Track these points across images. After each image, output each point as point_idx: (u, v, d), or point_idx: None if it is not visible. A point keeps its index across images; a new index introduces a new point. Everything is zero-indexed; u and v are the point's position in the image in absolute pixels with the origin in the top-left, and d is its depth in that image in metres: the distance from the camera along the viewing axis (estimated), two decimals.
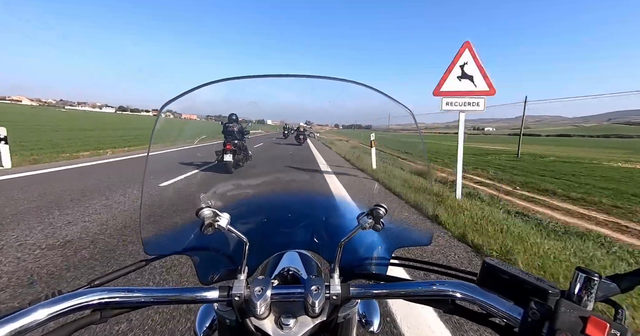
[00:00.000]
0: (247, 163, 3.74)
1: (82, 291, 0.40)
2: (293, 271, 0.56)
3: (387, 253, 0.59)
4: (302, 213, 0.72)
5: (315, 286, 0.42)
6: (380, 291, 0.45)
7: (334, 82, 0.55)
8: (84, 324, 0.40)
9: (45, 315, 0.36)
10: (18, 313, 0.35)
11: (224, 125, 4.29)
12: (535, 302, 0.34)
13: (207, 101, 0.54)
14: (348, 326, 0.53)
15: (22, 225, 3.07)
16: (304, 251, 0.65)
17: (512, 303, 0.37)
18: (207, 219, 0.42)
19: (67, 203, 3.90)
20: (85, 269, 2.24)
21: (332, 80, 0.55)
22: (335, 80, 0.55)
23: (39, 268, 2.24)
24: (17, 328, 0.33)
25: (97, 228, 3.08)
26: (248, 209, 0.70)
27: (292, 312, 0.45)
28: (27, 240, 2.73)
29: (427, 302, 0.45)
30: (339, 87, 0.56)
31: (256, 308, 0.41)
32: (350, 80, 0.55)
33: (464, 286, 0.42)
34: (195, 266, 0.55)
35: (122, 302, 0.40)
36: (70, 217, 3.37)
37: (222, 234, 0.46)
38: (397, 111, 0.59)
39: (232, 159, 4.08)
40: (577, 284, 0.34)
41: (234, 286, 0.42)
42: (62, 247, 2.61)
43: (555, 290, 0.35)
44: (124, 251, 2.58)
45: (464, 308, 0.44)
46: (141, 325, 1.67)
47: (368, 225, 0.45)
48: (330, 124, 1.53)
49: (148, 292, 0.42)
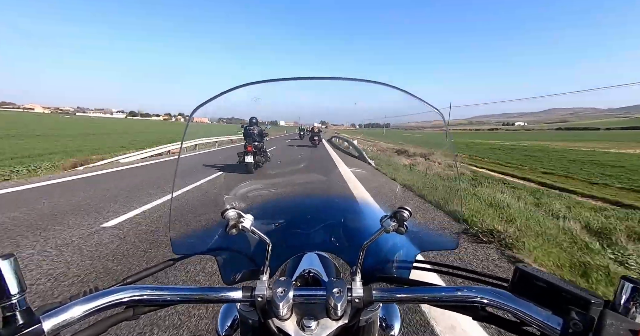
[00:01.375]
0: (266, 164, 4.02)
1: (116, 289, 0.42)
2: (314, 273, 0.56)
3: (410, 256, 0.58)
4: (322, 215, 0.73)
5: (337, 289, 0.43)
6: (403, 295, 0.45)
7: (353, 82, 0.56)
8: (118, 320, 0.43)
9: (84, 310, 0.38)
10: (61, 308, 0.37)
11: (245, 128, 4.60)
12: (577, 312, 0.33)
13: (232, 103, 0.56)
14: (370, 330, 0.53)
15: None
16: (323, 252, 0.66)
17: (549, 312, 0.36)
18: (232, 220, 0.44)
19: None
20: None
21: (353, 81, 0.55)
22: (356, 81, 0.55)
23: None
24: (61, 322, 0.36)
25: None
26: (269, 210, 0.72)
27: (314, 314, 0.45)
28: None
29: (454, 308, 0.44)
30: (358, 87, 0.56)
31: (279, 309, 0.42)
32: (374, 81, 0.54)
33: (495, 292, 0.41)
34: (219, 266, 0.58)
35: (152, 300, 0.43)
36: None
37: (244, 236, 0.48)
38: (420, 108, 0.58)
39: (253, 160, 4.46)
40: (623, 295, 0.32)
41: (256, 287, 0.44)
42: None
43: (599, 300, 0.33)
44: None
45: (494, 316, 0.43)
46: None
47: (392, 228, 0.45)
48: (346, 124, 1.53)
49: (176, 291, 0.44)
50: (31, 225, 3.28)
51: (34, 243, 2.82)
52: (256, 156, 4.54)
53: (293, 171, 1.11)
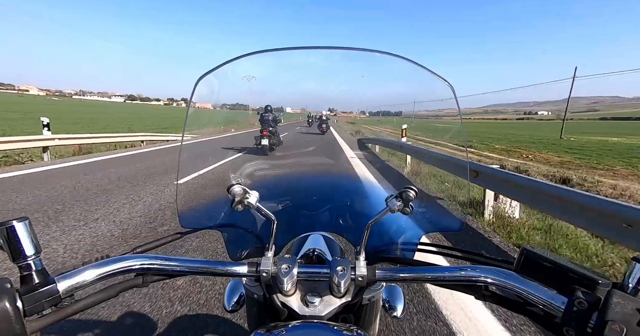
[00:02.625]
0: (279, 147, 4.51)
1: (126, 256, 0.45)
2: (318, 252, 0.58)
3: (415, 237, 0.60)
4: (328, 196, 0.75)
5: (341, 267, 0.45)
6: (406, 274, 0.46)
7: (365, 56, 0.55)
8: (128, 286, 0.45)
9: (96, 275, 0.41)
10: (74, 271, 0.40)
11: (261, 114, 5.19)
12: (583, 292, 0.33)
13: (237, 76, 0.57)
14: (372, 309, 0.56)
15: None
16: (328, 233, 0.67)
17: (554, 291, 0.37)
18: (238, 196, 0.46)
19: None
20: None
21: (365, 51, 0.54)
22: (367, 51, 0.54)
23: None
24: (74, 284, 0.39)
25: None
26: (275, 190, 0.74)
27: (318, 291, 0.47)
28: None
29: (457, 288, 0.46)
30: (365, 63, 0.57)
31: (283, 284, 0.44)
32: (382, 51, 0.54)
33: (499, 271, 0.42)
34: (225, 242, 0.61)
35: (161, 269, 0.45)
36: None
37: (250, 213, 0.50)
38: (432, 88, 0.57)
39: (268, 143, 5.25)
40: (633, 275, 0.32)
41: (261, 263, 0.46)
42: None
43: (606, 281, 0.33)
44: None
45: (497, 295, 0.44)
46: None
47: (397, 208, 0.46)
48: (355, 112, 1.52)
49: (184, 262, 0.46)
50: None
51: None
52: (270, 139, 5.26)
53: (301, 154, 1.14)
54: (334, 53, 0.56)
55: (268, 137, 5.23)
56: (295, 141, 4.24)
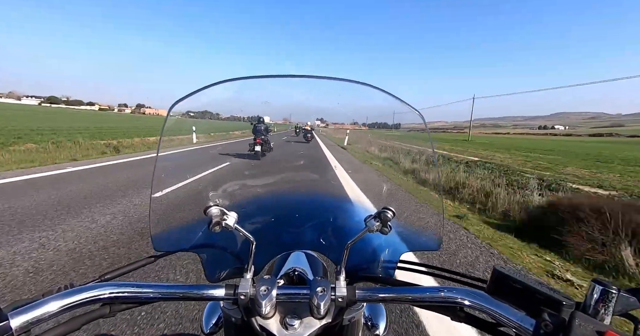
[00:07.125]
0: (269, 154, 5.88)
1: (93, 285, 0.45)
2: (299, 271, 0.61)
3: (395, 256, 0.64)
4: (310, 213, 0.79)
5: (321, 288, 0.47)
6: (386, 294, 0.49)
7: (342, 82, 0.62)
8: (94, 317, 0.46)
9: (57, 307, 0.41)
10: (32, 304, 0.40)
11: (254, 125, 6.43)
12: (549, 314, 0.36)
13: (216, 99, 0.63)
14: (353, 329, 0.59)
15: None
16: (311, 251, 0.72)
17: (523, 313, 0.40)
18: (215, 217, 0.48)
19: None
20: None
21: (339, 81, 0.62)
22: (342, 81, 0.62)
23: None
24: (30, 319, 0.38)
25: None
26: (255, 208, 0.79)
27: (298, 313, 0.49)
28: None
29: (434, 308, 0.49)
30: (346, 87, 0.63)
31: (261, 307, 0.45)
32: (357, 81, 0.61)
33: (474, 293, 0.45)
34: (202, 264, 0.61)
35: (132, 297, 0.46)
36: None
37: (230, 233, 0.51)
38: (404, 111, 0.65)
39: (260, 149, 6.33)
40: (593, 296, 0.37)
41: (239, 285, 0.48)
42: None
43: (570, 302, 0.37)
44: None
45: (472, 317, 0.48)
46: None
47: (375, 228, 0.49)
48: (347, 123, 1.57)
49: (156, 288, 0.47)
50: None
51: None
52: (263, 146, 6.39)
53: (282, 169, 1.18)
54: (307, 81, 0.62)
55: (260, 144, 6.23)
56: (287, 146, 4.74)
